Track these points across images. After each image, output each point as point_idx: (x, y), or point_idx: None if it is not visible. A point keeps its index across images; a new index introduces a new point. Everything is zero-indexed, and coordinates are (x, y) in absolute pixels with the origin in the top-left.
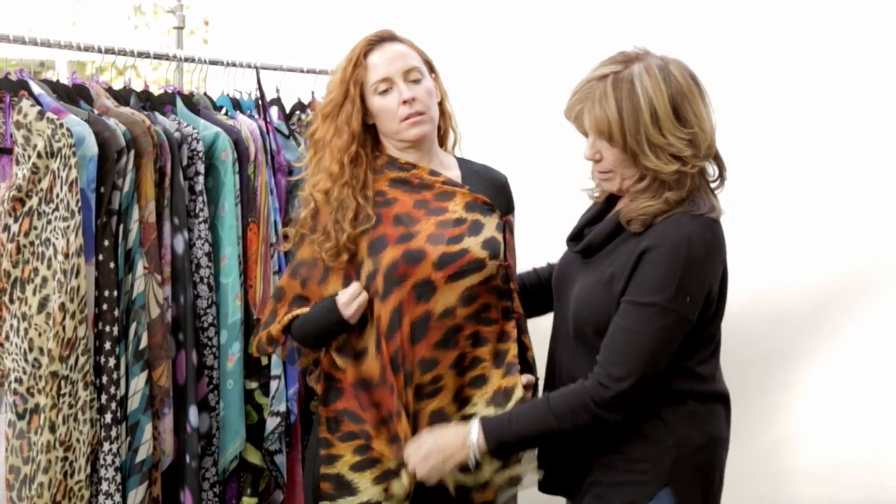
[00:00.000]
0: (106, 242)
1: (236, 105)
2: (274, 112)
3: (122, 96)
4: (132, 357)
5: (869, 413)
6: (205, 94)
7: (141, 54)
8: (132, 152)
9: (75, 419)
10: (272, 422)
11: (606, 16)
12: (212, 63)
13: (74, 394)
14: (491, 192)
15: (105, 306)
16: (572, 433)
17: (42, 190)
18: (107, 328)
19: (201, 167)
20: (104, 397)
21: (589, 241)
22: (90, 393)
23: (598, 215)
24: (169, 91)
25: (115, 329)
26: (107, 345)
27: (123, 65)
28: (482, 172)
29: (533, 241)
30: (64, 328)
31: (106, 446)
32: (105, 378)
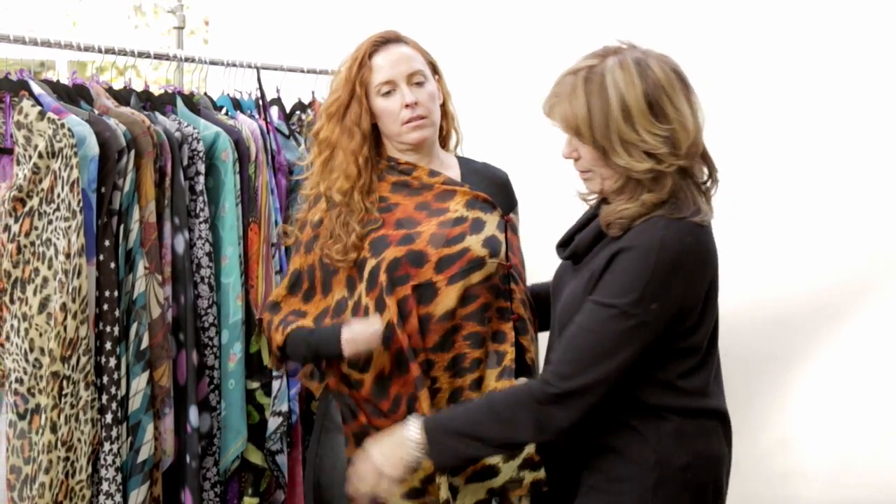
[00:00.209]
0: (107, 242)
1: (237, 105)
2: (274, 112)
3: (123, 96)
4: (133, 357)
5: (868, 413)
6: (205, 94)
7: (141, 54)
8: (132, 152)
9: (76, 419)
10: (274, 422)
11: (607, 16)
12: (212, 63)
13: (76, 394)
14: (492, 190)
15: (106, 306)
16: (516, 441)
17: (43, 190)
18: (107, 328)
19: (202, 167)
20: (105, 397)
21: (574, 247)
22: (91, 393)
23: (588, 220)
24: (169, 91)
25: (116, 329)
26: (107, 345)
27: (124, 65)
28: (482, 171)
29: (534, 242)
30: (65, 328)
31: (106, 446)
32: (106, 378)
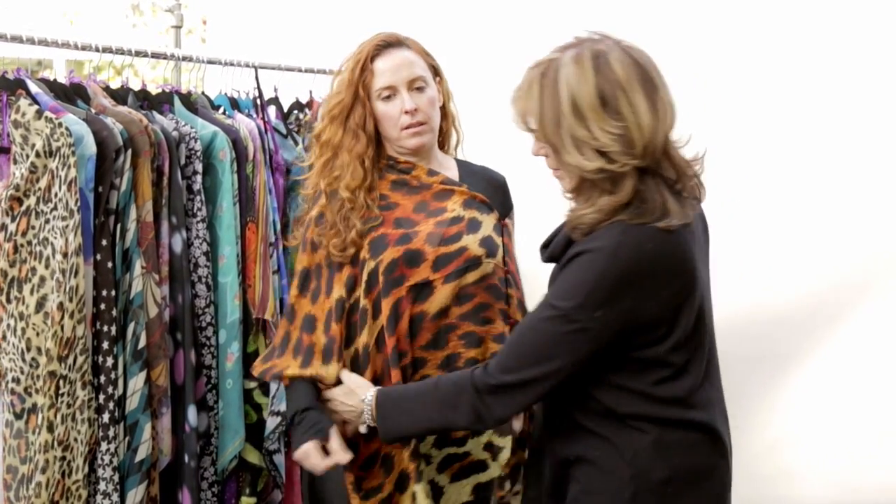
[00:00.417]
0: (104, 242)
1: (234, 104)
2: (272, 111)
3: (120, 95)
4: (130, 357)
5: (866, 413)
6: (203, 94)
7: (139, 53)
8: (129, 151)
9: (73, 419)
10: (272, 421)
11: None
12: (210, 62)
13: (73, 393)
14: (489, 192)
15: (103, 306)
16: (455, 425)
17: (40, 189)
18: (105, 328)
19: (199, 166)
20: (102, 397)
21: (550, 251)
22: (88, 392)
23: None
24: (167, 90)
25: (114, 329)
26: (105, 344)
27: (121, 64)
28: (480, 172)
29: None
30: (62, 328)
31: (104, 446)
32: (103, 377)
